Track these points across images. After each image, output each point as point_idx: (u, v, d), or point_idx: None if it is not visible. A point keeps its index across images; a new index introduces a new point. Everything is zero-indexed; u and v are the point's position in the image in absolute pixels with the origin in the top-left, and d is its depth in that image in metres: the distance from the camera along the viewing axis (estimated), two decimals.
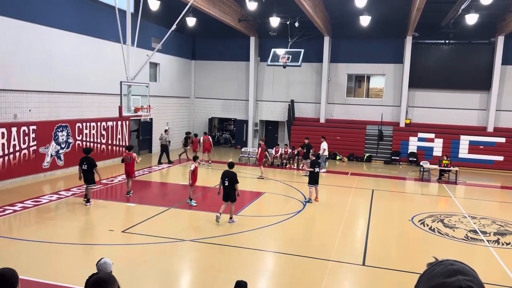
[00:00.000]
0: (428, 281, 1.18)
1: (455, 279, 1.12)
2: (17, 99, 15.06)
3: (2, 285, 2.59)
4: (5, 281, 2.62)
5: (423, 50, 24.54)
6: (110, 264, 5.20)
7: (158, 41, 19.01)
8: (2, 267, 2.78)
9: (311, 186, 14.09)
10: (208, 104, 28.67)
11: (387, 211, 13.96)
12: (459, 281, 1.11)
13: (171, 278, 8.13)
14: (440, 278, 1.15)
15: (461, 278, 1.12)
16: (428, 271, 1.22)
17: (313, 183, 14.07)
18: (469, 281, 1.12)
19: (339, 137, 24.87)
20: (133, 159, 13.83)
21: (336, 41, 25.88)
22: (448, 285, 1.12)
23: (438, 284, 1.14)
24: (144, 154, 23.44)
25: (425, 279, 1.20)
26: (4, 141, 14.43)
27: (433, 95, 24.75)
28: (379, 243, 10.53)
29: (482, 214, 13.41)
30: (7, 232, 10.22)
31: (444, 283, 1.13)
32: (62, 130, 17.06)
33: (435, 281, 1.15)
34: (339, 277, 8.46)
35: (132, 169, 13.91)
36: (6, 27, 14.42)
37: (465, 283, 1.11)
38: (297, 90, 26.87)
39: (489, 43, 23.64)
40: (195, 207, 12.81)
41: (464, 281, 1.12)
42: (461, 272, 1.15)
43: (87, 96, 18.39)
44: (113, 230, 10.32)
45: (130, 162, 13.82)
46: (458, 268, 1.16)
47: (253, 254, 9.37)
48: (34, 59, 15.60)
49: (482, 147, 23.11)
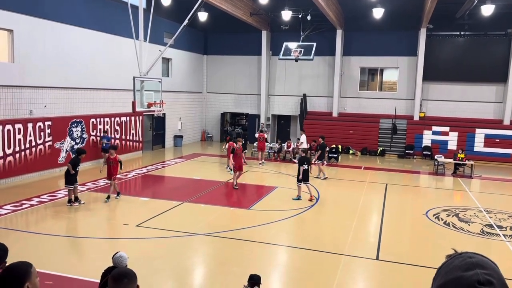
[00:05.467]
0: (446, 275, 1.13)
1: (473, 273, 1.07)
2: (33, 95, 15.28)
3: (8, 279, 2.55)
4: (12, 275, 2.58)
5: (438, 42, 24.16)
6: (126, 258, 5.26)
7: (170, 36, 19.07)
8: (16, 261, 2.80)
9: (300, 184, 13.33)
10: (220, 99, 28.70)
11: (401, 205, 13.85)
12: (477, 275, 1.06)
13: (184, 271, 8.21)
14: (458, 272, 1.10)
15: (479, 272, 1.07)
16: (446, 264, 1.17)
17: (301, 181, 13.29)
18: (488, 275, 1.06)
19: (352, 131, 24.71)
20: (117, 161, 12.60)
21: (348, 34, 25.63)
22: (466, 279, 1.07)
23: (455, 278, 1.09)
24: (158, 149, 23.65)
25: (443, 272, 1.16)
26: (20, 137, 14.68)
27: (447, 88, 24.38)
28: (393, 237, 10.47)
29: (498, 208, 13.22)
30: (25, 226, 10.42)
31: (461, 276, 1.08)
32: (77, 126, 17.28)
33: (453, 275, 1.10)
34: (352, 271, 8.44)
35: (116, 171, 12.70)
36: (22, 25, 14.61)
37: (484, 277, 1.05)
38: (310, 84, 26.72)
39: (506, 34, 23.16)
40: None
41: (483, 275, 1.06)
42: (480, 266, 1.09)
43: (101, 91, 18.58)
44: (128, 224, 10.45)
45: (115, 165, 12.61)
46: (477, 261, 1.10)
47: (266, 248, 9.40)
48: (49, 55, 15.79)
49: (498, 140, 22.72)
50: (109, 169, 12.64)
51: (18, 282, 2.49)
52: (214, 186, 15.45)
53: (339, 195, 14.13)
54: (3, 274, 2.60)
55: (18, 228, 10.15)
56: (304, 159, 13.53)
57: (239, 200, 13.86)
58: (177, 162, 20.15)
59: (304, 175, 13.34)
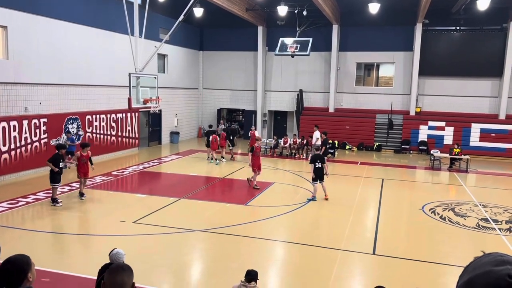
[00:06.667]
0: (474, 270, 1.13)
1: (504, 268, 1.06)
2: (28, 92, 15.19)
3: (13, 271, 2.67)
4: (16, 267, 2.70)
5: (434, 37, 24.18)
6: (123, 254, 5.26)
7: (166, 32, 18.98)
8: (16, 254, 2.85)
9: (314, 183, 12.90)
10: (217, 95, 28.64)
11: (397, 200, 13.91)
12: (508, 270, 1.05)
13: (182, 268, 8.21)
14: (487, 267, 1.09)
15: (510, 267, 1.06)
16: (475, 261, 1.17)
17: (316, 180, 12.85)
18: None
19: (349, 126, 24.74)
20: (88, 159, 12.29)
21: (345, 30, 25.60)
22: (496, 272, 1.06)
23: (484, 272, 1.09)
24: (154, 145, 23.61)
25: (471, 268, 1.15)
26: (15, 134, 14.60)
27: (443, 83, 24.44)
28: (389, 232, 10.51)
29: (493, 203, 13.30)
30: (21, 224, 10.39)
31: (491, 270, 1.07)
32: (72, 123, 17.21)
33: (482, 270, 1.10)
34: (349, 266, 8.47)
35: (88, 169, 12.39)
36: (16, 21, 14.50)
37: None
38: (306, 79, 26.70)
39: (501, 29, 23.21)
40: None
41: None
42: (511, 263, 1.08)
43: (96, 88, 18.49)
44: (125, 221, 10.44)
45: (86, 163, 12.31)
46: (508, 259, 1.10)
47: (263, 243, 9.42)
48: (44, 52, 15.69)
49: (494, 135, 22.83)
50: (82, 167, 12.25)
51: (23, 273, 2.66)
52: (211, 182, 15.45)
53: (336, 190, 14.14)
54: (7, 267, 2.68)
55: (14, 225, 10.12)
56: (317, 157, 12.95)
57: (236, 196, 13.87)
58: (173, 159, 20.12)
59: (317, 174, 12.78)
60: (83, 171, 12.30)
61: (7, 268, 2.70)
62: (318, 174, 12.80)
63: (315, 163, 12.80)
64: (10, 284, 2.66)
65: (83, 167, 12.27)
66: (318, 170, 12.80)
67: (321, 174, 12.85)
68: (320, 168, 12.82)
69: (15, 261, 2.74)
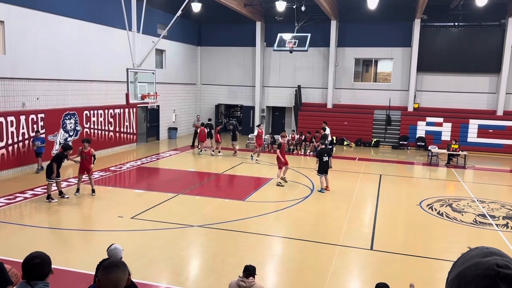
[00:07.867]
0: (463, 263, 1.18)
1: (491, 258, 1.12)
2: (25, 87, 15.13)
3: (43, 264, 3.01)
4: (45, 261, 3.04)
5: (432, 33, 24.16)
6: (121, 250, 5.27)
7: (164, 27, 18.91)
8: (37, 251, 3.13)
9: (321, 175, 13.67)
10: (215, 91, 28.59)
11: (395, 196, 13.94)
12: (496, 260, 1.11)
13: (180, 263, 8.22)
14: (476, 259, 1.14)
15: (497, 257, 1.12)
16: (463, 256, 1.22)
17: (322, 172, 13.63)
18: (506, 260, 1.11)
19: (347, 122, 24.75)
20: (90, 155, 12.27)
21: (343, 25, 25.56)
22: (484, 263, 1.11)
23: (473, 264, 1.14)
24: (152, 141, 23.58)
25: (460, 262, 1.20)
26: (13, 129, 14.56)
27: (441, 79, 24.45)
28: (387, 227, 10.54)
29: (491, 198, 13.35)
30: (18, 219, 10.38)
31: (480, 262, 1.13)
32: (70, 118, 17.16)
33: (471, 262, 1.15)
34: (347, 261, 8.50)
35: (89, 165, 12.35)
36: (13, 16, 14.42)
37: (502, 261, 1.10)
38: (304, 75, 26.67)
39: (500, 25, 23.20)
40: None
41: (501, 259, 1.11)
42: (497, 254, 1.14)
43: (94, 83, 18.43)
44: (123, 217, 10.44)
45: (89, 159, 12.26)
46: (494, 251, 1.16)
47: (261, 239, 9.44)
48: (41, 47, 15.62)
49: (492, 131, 22.88)
50: (82, 164, 12.23)
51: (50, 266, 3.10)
52: (209, 177, 15.45)
53: (334, 186, 14.17)
54: (37, 261, 3.00)
55: (12, 221, 10.10)
56: (324, 151, 13.73)
57: (234, 192, 13.88)
58: (171, 154, 20.10)
59: (322, 167, 13.52)
60: (83, 168, 12.28)
61: (38, 262, 2.98)
62: (324, 167, 13.55)
63: (323, 156, 13.52)
64: (41, 276, 2.97)
65: (83, 164, 12.25)
66: (324, 163, 13.56)
67: (327, 168, 13.61)
68: (327, 162, 13.57)
69: (43, 256, 3.06)
